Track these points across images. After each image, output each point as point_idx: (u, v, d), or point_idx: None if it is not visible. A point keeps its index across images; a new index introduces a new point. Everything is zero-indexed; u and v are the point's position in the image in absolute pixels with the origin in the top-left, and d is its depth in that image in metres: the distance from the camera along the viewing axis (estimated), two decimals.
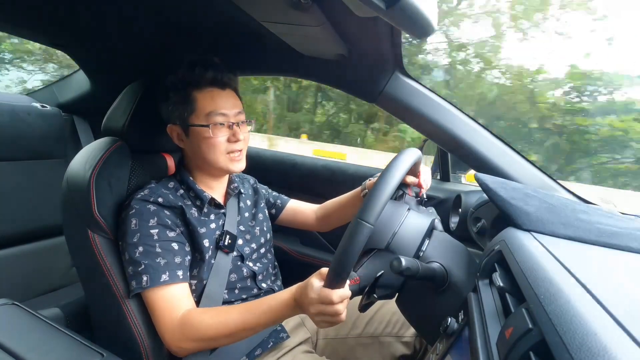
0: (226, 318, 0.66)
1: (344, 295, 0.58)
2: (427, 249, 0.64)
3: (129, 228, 0.70)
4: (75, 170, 0.75)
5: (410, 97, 0.89)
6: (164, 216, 0.72)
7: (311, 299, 0.59)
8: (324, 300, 0.58)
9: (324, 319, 0.60)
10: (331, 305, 0.58)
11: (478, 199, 0.83)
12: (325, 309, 0.58)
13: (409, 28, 0.57)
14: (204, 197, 0.78)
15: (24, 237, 1.29)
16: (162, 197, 0.74)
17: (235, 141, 0.76)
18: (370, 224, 0.53)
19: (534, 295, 0.34)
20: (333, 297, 0.57)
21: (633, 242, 0.51)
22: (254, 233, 0.88)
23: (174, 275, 0.70)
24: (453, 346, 0.49)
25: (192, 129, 0.75)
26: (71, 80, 1.47)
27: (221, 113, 0.75)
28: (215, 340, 0.67)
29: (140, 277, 0.68)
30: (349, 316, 0.86)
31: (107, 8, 0.88)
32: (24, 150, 1.31)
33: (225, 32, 0.95)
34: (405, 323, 0.87)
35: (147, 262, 0.68)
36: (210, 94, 0.76)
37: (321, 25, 0.70)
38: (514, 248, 0.47)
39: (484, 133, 0.88)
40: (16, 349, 0.58)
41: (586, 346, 0.24)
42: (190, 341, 0.67)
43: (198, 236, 0.75)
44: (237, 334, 0.66)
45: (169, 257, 0.70)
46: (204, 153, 0.76)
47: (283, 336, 0.81)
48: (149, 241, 0.70)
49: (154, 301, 0.69)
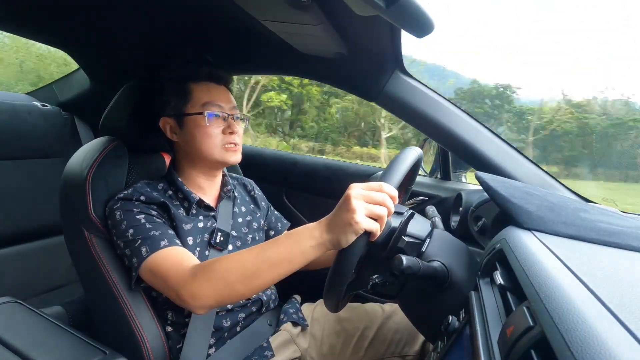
0: (240, 254, 0.61)
1: (393, 192, 0.55)
2: (428, 247, 0.64)
3: (115, 220, 0.70)
4: (72, 169, 0.75)
5: (411, 96, 0.89)
6: (148, 208, 0.71)
7: (355, 191, 0.54)
8: (372, 187, 0.54)
9: (367, 207, 0.53)
10: (380, 192, 0.54)
11: (479, 198, 0.83)
12: (374, 194, 0.53)
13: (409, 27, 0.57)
14: (191, 198, 0.77)
15: (26, 235, 1.29)
16: (145, 195, 0.73)
17: (231, 133, 0.76)
18: None
19: (535, 293, 0.34)
20: (383, 185, 0.54)
21: (634, 241, 0.51)
22: (246, 240, 0.85)
23: (173, 241, 0.68)
24: (454, 345, 0.49)
25: (187, 119, 0.75)
26: (71, 79, 1.48)
27: (217, 104, 0.76)
28: (230, 282, 0.59)
29: (140, 250, 0.66)
30: (348, 339, 0.84)
31: (107, 7, 0.88)
32: (25, 149, 1.31)
33: (225, 31, 0.95)
34: (408, 341, 0.83)
35: (142, 236, 0.67)
36: (206, 86, 0.77)
37: (321, 23, 0.70)
38: (515, 246, 0.47)
39: (485, 132, 0.88)
40: (20, 346, 0.59)
41: (587, 344, 0.24)
42: (206, 285, 0.60)
43: (182, 232, 0.73)
44: (254, 272, 0.58)
45: (163, 229, 0.69)
46: (199, 143, 0.75)
47: (268, 354, 0.76)
48: (137, 223, 0.68)
49: (159, 264, 0.64)
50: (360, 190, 0.54)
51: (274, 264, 0.57)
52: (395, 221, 0.63)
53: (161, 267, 0.65)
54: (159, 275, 0.65)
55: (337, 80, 0.99)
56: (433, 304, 0.62)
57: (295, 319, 0.85)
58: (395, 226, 0.62)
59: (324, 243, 0.56)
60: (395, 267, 0.53)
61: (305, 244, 0.56)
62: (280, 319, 0.85)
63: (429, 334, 0.67)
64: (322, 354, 0.84)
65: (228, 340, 0.77)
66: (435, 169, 1.28)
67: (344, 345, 0.84)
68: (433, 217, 0.77)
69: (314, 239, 0.56)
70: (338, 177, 1.27)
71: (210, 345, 0.74)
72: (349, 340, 0.84)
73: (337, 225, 0.54)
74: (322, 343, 0.85)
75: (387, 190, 0.55)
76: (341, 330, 0.86)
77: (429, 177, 1.30)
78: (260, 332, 0.81)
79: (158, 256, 0.65)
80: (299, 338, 0.84)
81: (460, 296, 0.58)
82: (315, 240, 0.56)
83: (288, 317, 0.85)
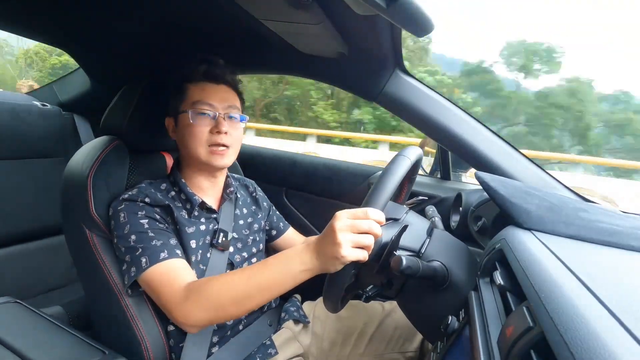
0: (232, 277, 0.61)
1: (380, 217, 0.54)
2: (428, 247, 0.64)
3: (119, 222, 0.69)
4: (73, 169, 0.75)
5: (411, 95, 0.89)
6: (153, 211, 0.71)
7: (340, 223, 0.53)
8: (357, 215, 0.53)
9: (353, 238, 0.53)
10: (366, 220, 0.53)
11: (478, 198, 0.83)
12: (359, 223, 0.53)
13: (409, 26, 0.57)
14: (194, 200, 0.77)
15: (26, 235, 1.29)
16: (150, 196, 0.72)
17: (218, 132, 0.74)
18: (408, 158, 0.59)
19: (534, 293, 0.34)
20: (369, 211, 0.53)
21: (634, 241, 0.51)
22: (246, 242, 0.85)
23: (173, 252, 0.68)
24: (454, 345, 0.49)
25: (179, 117, 0.76)
26: (71, 79, 1.48)
27: (207, 103, 0.75)
28: (222, 305, 0.60)
29: (139, 260, 0.66)
30: (348, 336, 0.85)
31: (107, 7, 0.88)
32: (25, 149, 1.31)
33: (225, 31, 0.95)
34: (408, 338, 0.84)
35: (143, 245, 0.67)
36: (202, 85, 0.77)
37: (321, 23, 0.70)
38: (514, 246, 0.47)
39: (484, 131, 0.88)
40: (19, 346, 0.59)
41: (587, 344, 0.24)
42: (198, 309, 0.61)
43: (185, 235, 0.73)
44: (245, 296, 0.60)
45: (164, 238, 0.69)
46: (187, 142, 0.75)
47: (271, 352, 0.77)
48: (140, 229, 0.68)
49: (155, 278, 0.65)
50: (346, 221, 0.54)
51: (264, 288, 0.59)
52: (387, 235, 0.61)
53: (157, 283, 0.65)
54: (154, 290, 0.66)
55: (337, 80, 0.99)
56: (433, 304, 0.62)
57: (296, 316, 0.86)
58: (386, 241, 0.60)
59: (313, 269, 0.57)
60: (395, 267, 0.53)
61: (295, 269, 0.57)
62: (282, 317, 0.86)
63: (429, 334, 0.67)
64: (323, 351, 0.85)
65: (231, 338, 0.77)
66: (435, 168, 1.28)
67: (344, 342, 0.85)
68: (433, 217, 0.77)
69: (303, 264, 0.57)
70: (338, 177, 1.27)
71: (214, 343, 0.74)
72: (349, 337, 0.85)
73: (325, 256, 0.55)
74: (323, 340, 0.86)
75: (372, 217, 0.54)
76: (342, 327, 0.87)
77: (429, 177, 1.30)
78: (261, 331, 0.82)
79: (155, 270, 0.66)
80: (300, 335, 0.84)
81: (459, 296, 0.58)
82: (304, 266, 0.57)
83: (289, 315, 0.86)
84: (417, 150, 0.67)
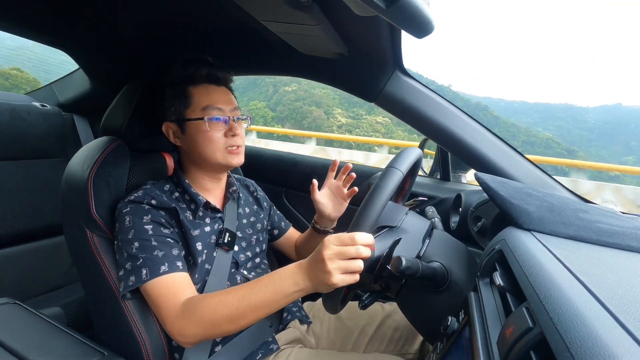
0: (226, 296, 0.63)
1: (368, 240, 0.55)
2: (428, 248, 0.64)
3: (123, 226, 0.69)
4: (73, 170, 0.75)
5: (410, 96, 0.89)
6: (158, 215, 0.71)
7: (329, 251, 0.54)
8: (344, 241, 0.54)
9: (342, 265, 0.54)
10: (353, 246, 0.53)
11: (478, 199, 0.83)
12: (347, 250, 0.53)
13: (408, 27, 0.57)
14: (198, 200, 0.77)
15: (25, 236, 1.29)
16: (156, 198, 0.73)
17: (233, 135, 0.75)
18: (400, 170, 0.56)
19: (534, 294, 0.34)
20: (356, 236, 0.53)
21: (633, 242, 0.51)
22: (250, 241, 0.86)
23: (174, 265, 0.68)
24: (454, 346, 0.49)
25: (188, 124, 0.75)
26: (71, 80, 1.48)
27: (217, 107, 0.75)
28: (216, 323, 0.62)
29: (140, 271, 0.66)
30: (349, 336, 0.85)
31: (107, 7, 0.88)
32: (25, 149, 1.31)
33: (225, 31, 0.95)
34: (408, 339, 0.84)
35: (145, 256, 0.67)
36: (205, 89, 0.76)
37: (321, 24, 0.70)
38: (514, 247, 0.47)
39: (484, 132, 0.88)
40: (17, 347, 0.59)
41: (587, 345, 0.24)
42: (193, 326, 0.63)
43: (191, 238, 0.73)
44: (239, 315, 0.61)
45: (166, 249, 0.69)
46: (201, 148, 0.75)
47: (273, 347, 0.78)
48: (144, 235, 0.68)
49: (154, 291, 0.66)
50: (334, 248, 0.55)
51: (258, 307, 0.60)
52: (380, 248, 0.61)
53: (155, 296, 0.66)
54: (152, 302, 0.67)
55: (337, 81, 0.99)
56: (432, 304, 0.62)
57: (299, 316, 0.87)
58: (379, 255, 0.60)
59: (306, 289, 0.59)
60: (395, 268, 0.53)
61: (289, 290, 0.59)
62: (285, 317, 0.86)
63: (429, 335, 0.67)
64: (322, 350, 0.85)
65: (233, 338, 0.77)
66: (434, 169, 1.28)
67: (343, 342, 0.85)
68: (432, 217, 0.77)
69: (296, 285, 0.59)
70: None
71: (217, 342, 0.75)
72: (348, 338, 0.86)
73: (317, 280, 0.57)
74: (322, 339, 0.87)
75: (360, 242, 0.55)
76: (341, 327, 0.87)
77: (429, 177, 1.30)
78: (262, 331, 0.82)
79: (154, 284, 0.66)
80: (303, 335, 0.85)
81: (459, 297, 0.58)
82: (297, 287, 0.59)
83: (292, 315, 0.86)
84: (415, 152, 0.66)
